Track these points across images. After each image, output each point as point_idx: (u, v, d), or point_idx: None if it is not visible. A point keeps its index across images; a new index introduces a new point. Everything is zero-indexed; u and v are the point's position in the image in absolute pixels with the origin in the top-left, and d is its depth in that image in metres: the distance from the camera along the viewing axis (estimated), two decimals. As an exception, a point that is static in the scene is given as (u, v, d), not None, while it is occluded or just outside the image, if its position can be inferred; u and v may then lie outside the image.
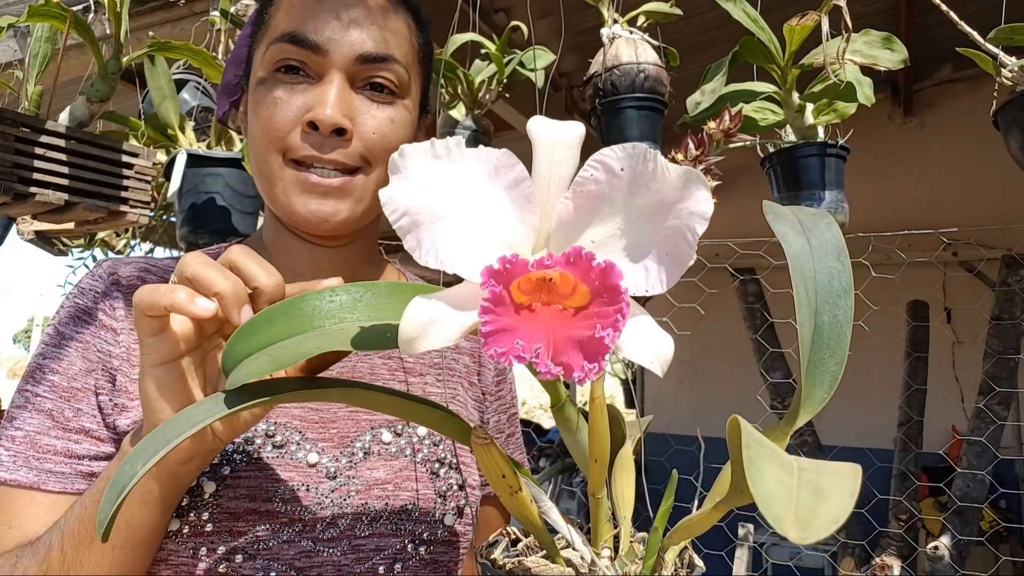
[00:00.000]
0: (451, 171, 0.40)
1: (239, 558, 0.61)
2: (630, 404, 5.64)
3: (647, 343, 0.40)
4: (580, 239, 0.41)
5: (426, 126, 0.80)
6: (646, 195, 0.39)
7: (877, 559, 2.19)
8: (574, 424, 0.46)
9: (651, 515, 0.46)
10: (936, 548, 2.11)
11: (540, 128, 0.42)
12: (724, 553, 2.55)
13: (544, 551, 0.46)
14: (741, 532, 2.65)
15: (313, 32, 0.65)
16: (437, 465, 0.71)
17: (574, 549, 0.45)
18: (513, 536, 0.48)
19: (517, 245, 0.41)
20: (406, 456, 0.70)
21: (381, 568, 0.65)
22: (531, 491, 0.46)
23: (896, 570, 2.13)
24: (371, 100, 0.68)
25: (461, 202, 0.40)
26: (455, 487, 0.71)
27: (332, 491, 0.65)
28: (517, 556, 0.46)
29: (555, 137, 0.42)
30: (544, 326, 0.38)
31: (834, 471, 0.29)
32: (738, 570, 2.59)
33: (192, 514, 0.61)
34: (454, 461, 0.72)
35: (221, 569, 0.61)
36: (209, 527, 0.61)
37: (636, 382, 4.83)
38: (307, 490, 0.65)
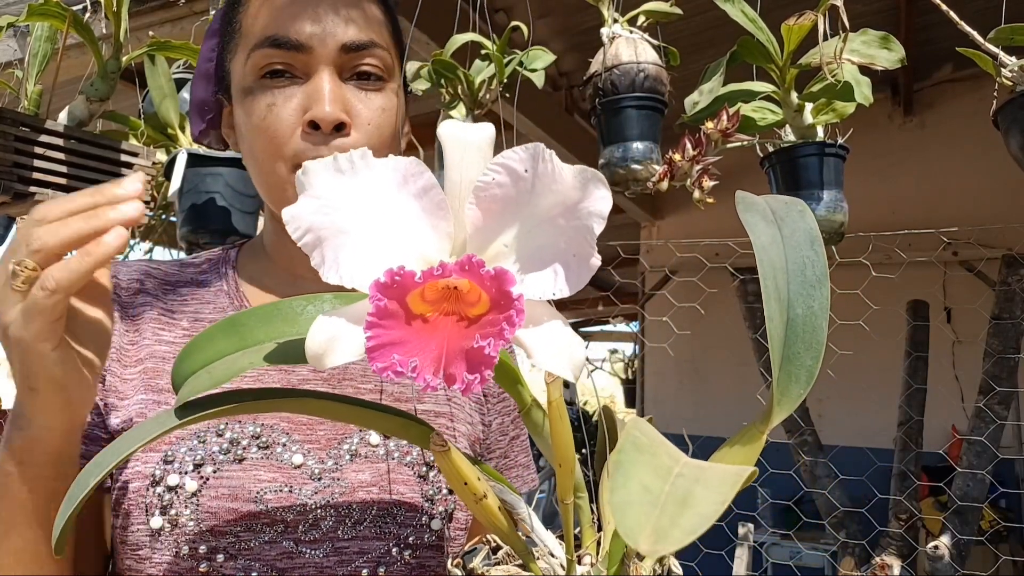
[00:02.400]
0: (356, 184, 0.40)
1: (220, 557, 0.62)
2: (630, 404, 5.64)
3: (557, 349, 0.39)
4: (495, 243, 0.40)
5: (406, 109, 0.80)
6: (549, 196, 0.39)
7: (877, 559, 2.19)
8: (541, 428, 0.45)
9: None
10: (936, 548, 2.11)
11: (449, 131, 0.41)
12: (724, 553, 2.55)
13: (520, 560, 0.45)
14: (741, 531, 2.65)
15: (294, 32, 0.65)
16: (425, 468, 0.70)
17: (552, 556, 0.44)
18: (494, 544, 0.48)
19: (431, 254, 0.40)
20: (393, 459, 0.69)
21: (364, 571, 0.65)
22: (506, 498, 0.45)
23: (896, 570, 2.13)
24: (361, 89, 0.68)
25: (367, 215, 0.40)
26: (444, 490, 0.70)
27: (315, 492, 0.65)
28: (497, 564, 0.46)
29: (465, 140, 0.41)
30: (438, 337, 0.37)
31: (714, 477, 0.28)
32: (738, 570, 2.59)
33: (173, 512, 0.62)
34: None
35: (202, 568, 0.61)
36: (190, 526, 0.62)
37: (636, 382, 4.83)
38: (289, 491, 0.64)
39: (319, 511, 0.65)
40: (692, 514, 0.25)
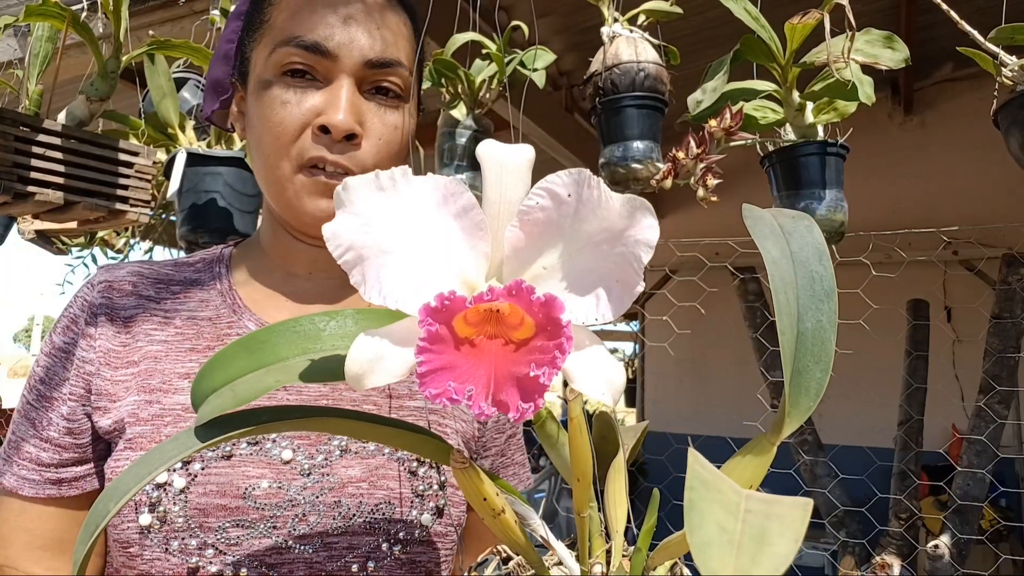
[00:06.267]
0: (397, 202, 0.40)
1: (210, 553, 0.62)
2: (631, 403, 5.64)
3: (598, 375, 0.39)
4: (533, 266, 0.40)
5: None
6: (593, 221, 0.39)
7: (877, 558, 2.19)
8: (555, 439, 0.45)
9: (641, 524, 0.46)
10: (936, 547, 2.11)
11: (488, 152, 0.41)
12: (724, 552, 2.55)
13: (533, 571, 0.45)
14: (741, 531, 2.64)
15: (323, 37, 0.66)
16: (416, 464, 0.70)
17: (564, 566, 0.44)
18: (504, 554, 0.48)
19: (469, 274, 0.40)
20: (384, 455, 0.69)
21: (354, 567, 0.65)
22: (519, 510, 0.45)
23: (896, 569, 2.13)
24: (378, 105, 0.69)
25: (407, 234, 0.40)
26: (435, 486, 0.70)
27: (304, 488, 0.65)
28: (508, 575, 0.46)
29: (504, 161, 0.41)
30: (486, 362, 0.37)
31: (783, 513, 0.28)
32: (738, 569, 2.59)
33: (162, 509, 0.62)
34: (435, 460, 0.71)
35: (192, 564, 0.62)
36: (179, 521, 0.62)
37: (636, 381, 4.83)
38: (279, 487, 0.65)
39: (308, 506, 0.65)
40: (771, 553, 0.25)
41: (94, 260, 2.40)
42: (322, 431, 0.60)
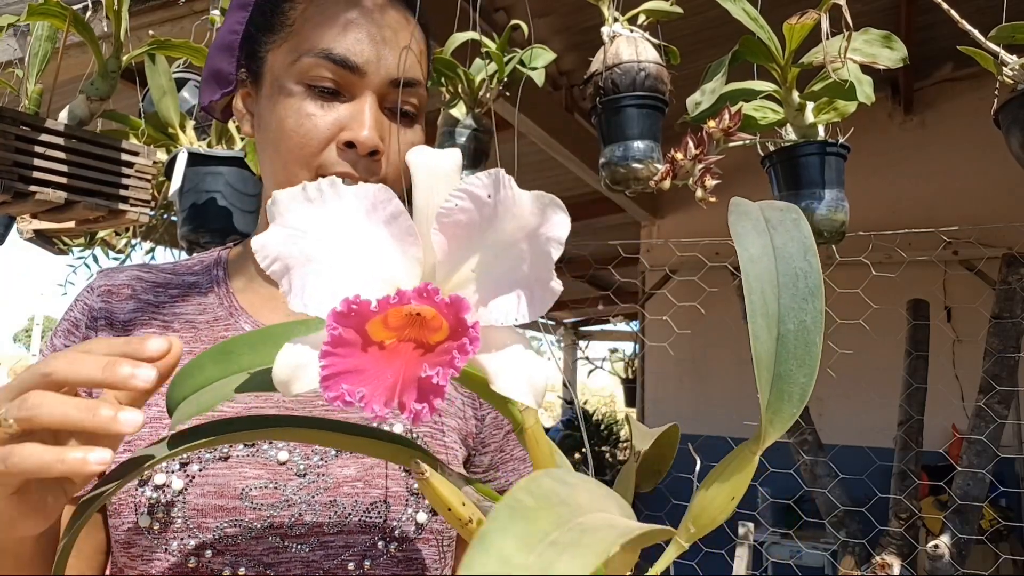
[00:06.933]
0: (325, 213, 0.41)
1: (208, 553, 0.63)
2: (630, 403, 5.64)
3: (516, 374, 0.38)
4: (463, 268, 0.40)
5: None
6: (511, 221, 0.38)
7: (877, 558, 2.19)
8: None
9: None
10: (936, 547, 2.11)
11: (417, 158, 0.42)
12: (724, 552, 2.55)
13: None
14: (741, 531, 2.64)
15: (353, 53, 0.67)
16: None
17: None
18: None
19: (400, 279, 0.41)
20: None
21: (351, 565, 0.66)
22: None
23: (896, 569, 2.13)
24: (396, 122, 0.70)
25: (335, 243, 0.40)
26: None
27: (300, 488, 0.66)
28: None
29: (431, 167, 0.42)
30: (395, 365, 0.37)
31: (587, 542, 0.26)
32: (738, 569, 2.59)
33: (160, 510, 0.63)
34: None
35: (191, 564, 0.62)
36: (178, 522, 0.63)
37: (636, 381, 4.83)
38: (275, 487, 0.65)
39: (304, 506, 0.66)
40: None
41: (95, 260, 2.40)
42: (295, 440, 0.61)
